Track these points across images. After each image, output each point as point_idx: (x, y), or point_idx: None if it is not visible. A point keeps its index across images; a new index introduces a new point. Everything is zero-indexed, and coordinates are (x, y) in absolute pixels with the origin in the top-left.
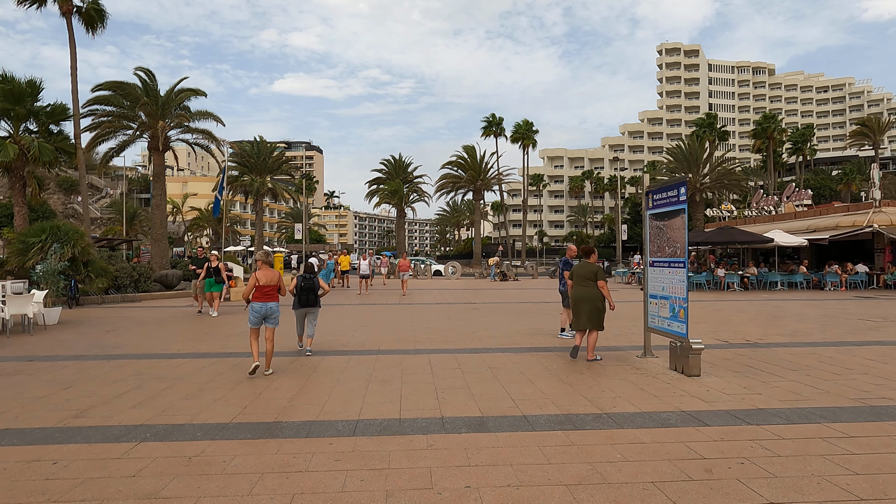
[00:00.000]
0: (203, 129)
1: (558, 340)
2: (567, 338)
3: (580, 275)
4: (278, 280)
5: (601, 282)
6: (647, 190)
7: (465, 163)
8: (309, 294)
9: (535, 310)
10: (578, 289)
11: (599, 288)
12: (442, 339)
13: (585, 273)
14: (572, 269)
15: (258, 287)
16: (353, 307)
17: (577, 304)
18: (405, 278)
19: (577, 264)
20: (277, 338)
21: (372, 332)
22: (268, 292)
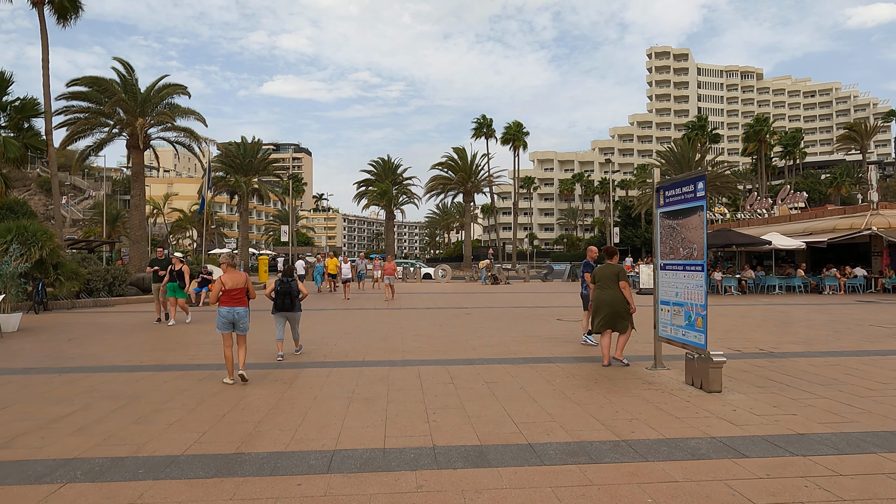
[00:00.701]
0: (185, 128)
1: (559, 350)
2: (591, 344)
3: (603, 276)
4: (245, 283)
5: (623, 282)
6: (657, 186)
7: (456, 164)
8: (285, 298)
9: (530, 315)
10: (601, 291)
11: (621, 289)
12: (432, 348)
13: (608, 275)
14: (594, 272)
15: (224, 291)
16: (339, 312)
17: (599, 306)
18: (390, 282)
19: (600, 266)
20: (257, 346)
21: (357, 341)
22: (235, 296)
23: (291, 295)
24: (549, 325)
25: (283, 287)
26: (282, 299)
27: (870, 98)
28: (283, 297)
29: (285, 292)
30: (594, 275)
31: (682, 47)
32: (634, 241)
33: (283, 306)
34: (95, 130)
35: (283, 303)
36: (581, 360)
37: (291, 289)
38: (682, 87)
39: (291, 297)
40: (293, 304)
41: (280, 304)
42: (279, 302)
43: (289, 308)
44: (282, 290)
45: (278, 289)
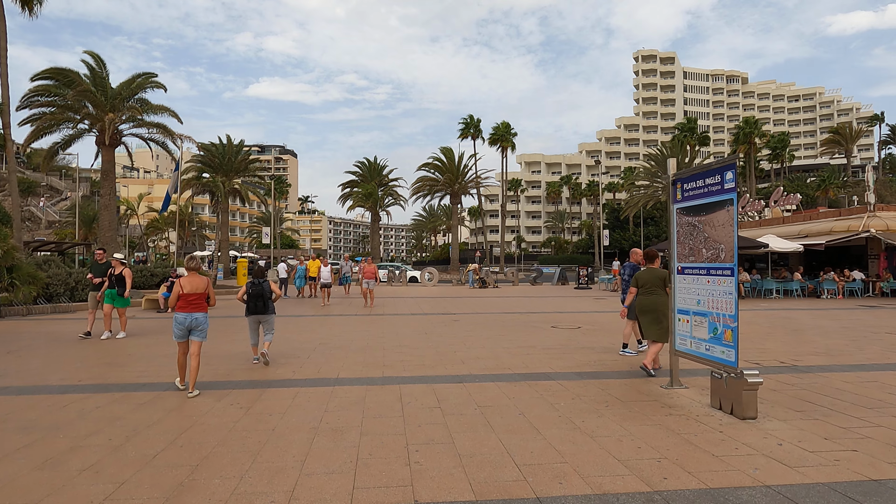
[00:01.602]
0: (158, 123)
1: (558, 363)
2: (630, 354)
3: (647, 281)
4: (206, 287)
5: (669, 288)
6: (673, 178)
7: (443, 165)
8: (258, 301)
9: (522, 322)
10: (646, 297)
11: (669, 294)
12: (417, 361)
13: (653, 279)
14: (635, 276)
15: (182, 296)
16: (317, 319)
17: (645, 313)
18: (370, 287)
19: (642, 271)
20: (219, 359)
21: (333, 353)
22: (193, 301)
23: (264, 297)
24: (544, 334)
25: (255, 289)
26: (254, 302)
27: (853, 103)
28: (256, 299)
29: (257, 294)
30: (636, 279)
31: (668, 51)
32: (623, 244)
33: (256, 309)
34: (62, 126)
35: (255, 305)
36: (584, 376)
37: (263, 290)
38: (669, 91)
39: (264, 298)
40: (266, 307)
41: (253, 306)
42: (251, 304)
43: (262, 310)
44: (254, 293)
45: (250, 291)
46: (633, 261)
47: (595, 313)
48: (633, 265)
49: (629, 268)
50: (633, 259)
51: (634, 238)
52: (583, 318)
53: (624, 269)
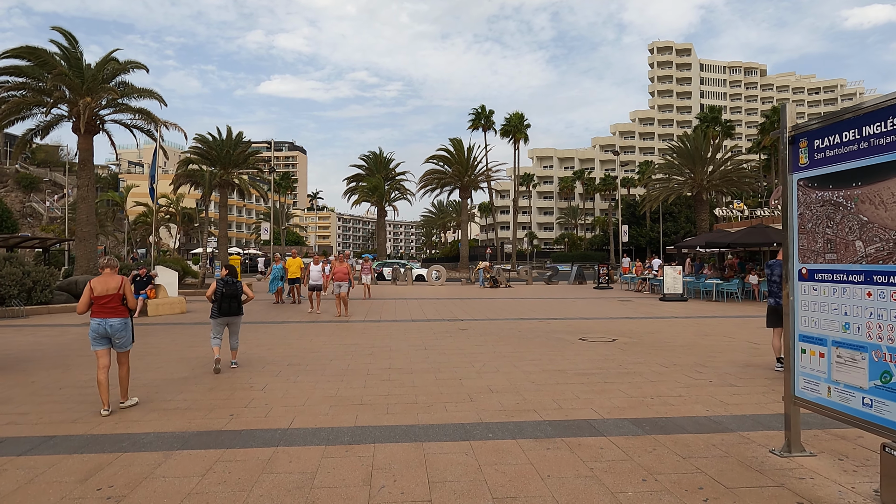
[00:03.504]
0: (140, 109)
1: (602, 399)
2: None
3: None
4: (120, 288)
5: None
6: (794, 132)
7: (452, 157)
8: (231, 301)
9: (543, 332)
10: None
11: None
12: (408, 396)
13: None
14: None
15: (94, 298)
16: (296, 329)
17: None
18: (342, 291)
19: None
20: (146, 385)
21: (299, 380)
22: (107, 304)
23: (237, 298)
24: (573, 351)
25: (229, 289)
26: (228, 303)
27: (876, 95)
28: (230, 300)
29: (231, 295)
30: None
31: (685, 42)
32: (639, 241)
33: (230, 310)
34: (34, 110)
35: (229, 306)
36: (646, 427)
37: (237, 290)
38: (685, 83)
39: (237, 300)
40: (238, 308)
41: (226, 307)
42: (224, 306)
43: (235, 312)
44: (227, 293)
45: (223, 291)
46: (780, 258)
47: (627, 320)
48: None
49: (778, 266)
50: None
51: (652, 234)
52: (615, 326)
53: (772, 267)
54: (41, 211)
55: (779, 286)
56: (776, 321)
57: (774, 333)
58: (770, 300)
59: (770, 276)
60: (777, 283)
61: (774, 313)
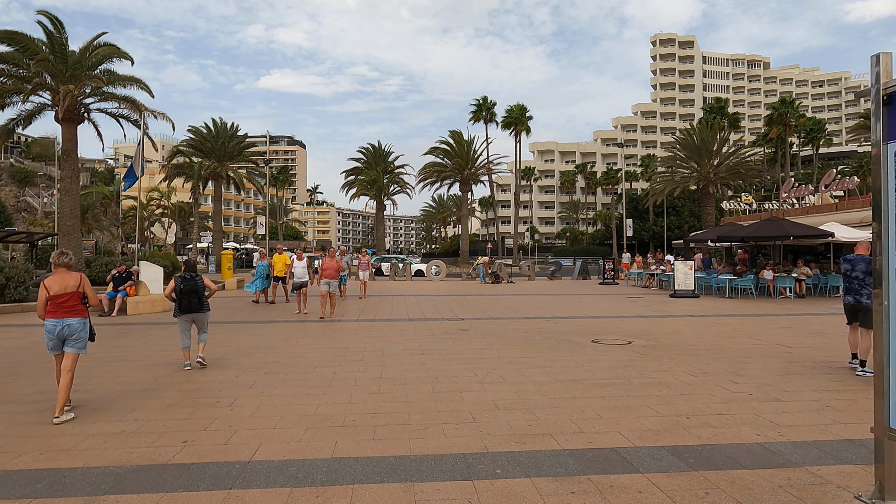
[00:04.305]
0: (125, 97)
1: (628, 419)
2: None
3: None
4: (79, 286)
5: None
6: (892, 89)
7: (452, 150)
8: (192, 297)
9: (552, 333)
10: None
11: None
12: (400, 415)
13: None
14: None
15: (50, 298)
16: (283, 330)
17: None
18: (330, 290)
19: None
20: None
21: (273, 393)
22: (64, 304)
23: (199, 293)
24: (587, 356)
25: (188, 285)
26: (188, 299)
27: None
28: (190, 295)
29: (191, 290)
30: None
31: (687, 34)
32: (642, 235)
33: (191, 307)
34: (16, 99)
35: (189, 303)
36: (688, 459)
37: (198, 286)
38: (688, 76)
39: (199, 295)
40: (201, 304)
41: (186, 304)
42: (185, 302)
43: (196, 308)
44: (187, 289)
45: (182, 287)
46: (860, 252)
47: (640, 319)
48: (865, 258)
49: (861, 262)
50: (861, 251)
51: (655, 229)
52: (628, 326)
53: (853, 263)
54: (35, 205)
55: (860, 283)
56: (854, 317)
57: (851, 329)
58: (847, 298)
59: (850, 272)
60: (859, 280)
61: (852, 312)
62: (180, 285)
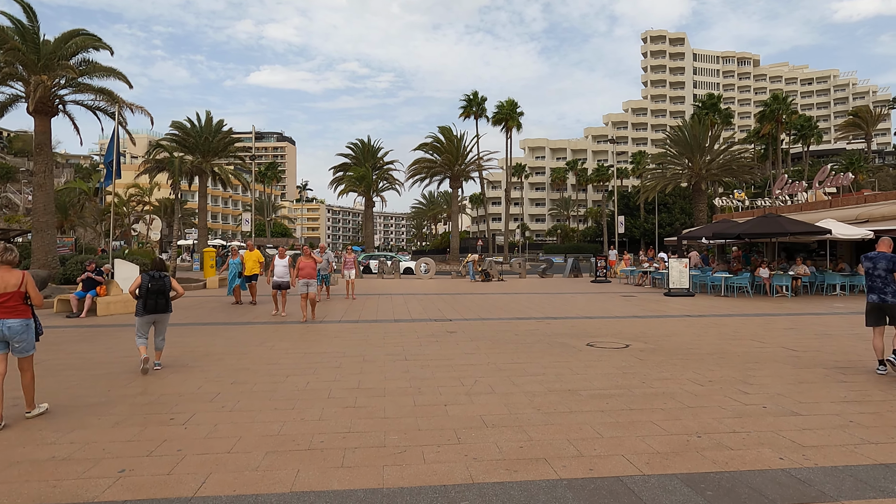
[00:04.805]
0: (101, 88)
1: (637, 447)
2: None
3: None
4: (19, 285)
5: None
6: None
7: (442, 146)
8: (158, 298)
9: (544, 335)
10: None
11: None
12: (374, 436)
13: None
14: None
15: None
16: (260, 331)
17: None
18: (308, 291)
19: None
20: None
21: (232, 412)
22: (5, 304)
23: (165, 294)
24: (583, 361)
25: (156, 284)
26: (154, 299)
27: (869, 86)
28: (157, 295)
29: (158, 290)
30: None
31: (678, 31)
32: (633, 232)
33: (157, 307)
34: None
35: (155, 303)
36: (706, 488)
37: (165, 286)
38: (678, 73)
39: (165, 296)
40: (167, 305)
41: (152, 304)
42: (150, 302)
43: (161, 309)
44: (154, 288)
45: (149, 286)
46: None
47: (635, 319)
48: (887, 256)
49: (883, 259)
50: (883, 248)
51: (646, 226)
52: (624, 327)
53: (874, 260)
54: (17, 202)
55: (884, 281)
56: (878, 319)
57: (875, 333)
58: (871, 297)
59: (871, 270)
60: (882, 278)
61: (877, 311)
62: (147, 284)
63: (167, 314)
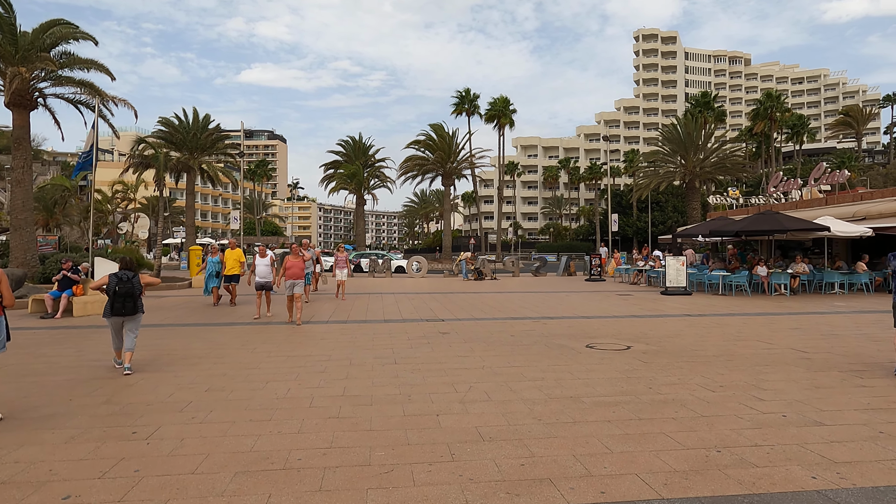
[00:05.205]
0: (82, 81)
1: (652, 465)
2: None
3: None
4: None
5: None
6: None
7: (434, 143)
8: (126, 301)
9: (541, 336)
10: None
11: None
12: (358, 453)
13: None
14: None
15: None
16: (242, 333)
17: None
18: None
19: None
20: None
21: (202, 424)
22: None
23: (134, 296)
24: (583, 363)
25: (124, 287)
26: (122, 302)
27: (859, 85)
28: (124, 299)
29: (126, 293)
30: None
31: (670, 30)
32: (626, 231)
33: (124, 310)
34: None
35: (122, 306)
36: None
37: (134, 288)
38: (670, 72)
39: (134, 299)
40: (135, 308)
41: (119, 307)
42: (118, 305)
43: (130, 312)
44: (122, 291)
45: (117, 289)
46: None
47: (634, 319)
48: None
49: None
50: None
51: (639, 224)
52: (623, 327)
53: None
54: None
55: None
56: None
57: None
58: None
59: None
60: None
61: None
62: (115, 286)
63: (136, 315)
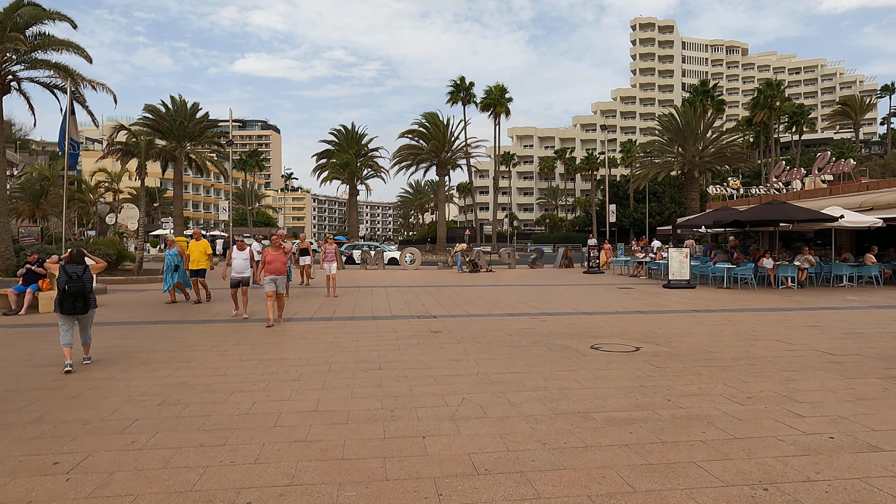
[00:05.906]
0: (57, 64)
1: (674, 492)
2: None
3: None
4: None
5: None
6: None
7: (428, 132)
8: (76, 301)
9: (541, 336)
10: None
11: None
12: (324, 491)
13: None
14: None
15: None
16: (215, 332)
17: None
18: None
19: None
20: None
21: (141, 451)
22: None
23: (85, 295)
24: (589, 369)
25: (74, 286)
26: (71, 302)
27: (856, 75)
28: (73, 299)
29: (76, 293)
30: None
31: (667, 19)
32: (623, 222)
33: (75, 310)
34: None
35: (72, 306)
36: None
37: (85, 287)
38: (667, 61)
39: (85, 298)
40: (86, 305)
41: (69, 307)
42: (67, 305)
43: (80, 311)
44: (71, 291)
45: (65, 288)
46: None
47: (639, 315)
48: None
49: None
50: None
51: (636, 215)
52: (628, 325)
53: None
54: None
55: None
56: None
57: None
58: None
59: None
60: None
61: None
62: (64, 285)
63: (88, 311)
